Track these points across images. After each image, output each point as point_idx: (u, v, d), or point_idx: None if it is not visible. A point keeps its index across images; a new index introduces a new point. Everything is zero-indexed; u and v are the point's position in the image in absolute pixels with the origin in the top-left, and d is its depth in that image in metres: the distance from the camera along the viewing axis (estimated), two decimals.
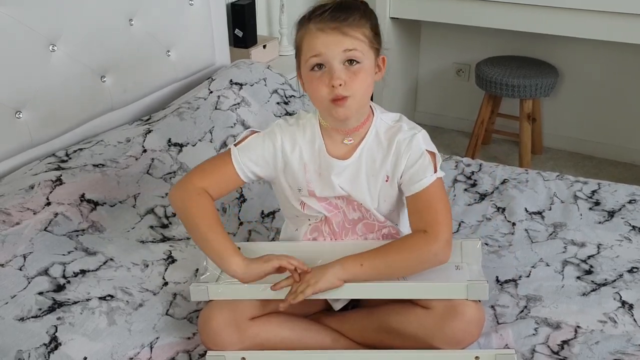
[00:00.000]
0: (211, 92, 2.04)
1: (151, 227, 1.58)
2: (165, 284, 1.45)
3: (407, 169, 1.29)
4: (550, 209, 1.75)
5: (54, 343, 1.24)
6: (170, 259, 1.51)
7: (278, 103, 2.14)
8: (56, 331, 1.26)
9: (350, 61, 1.20)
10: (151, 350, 1.28)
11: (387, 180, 1.32)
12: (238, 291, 1.30)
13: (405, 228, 1.39)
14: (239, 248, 1.32)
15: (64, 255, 1.40)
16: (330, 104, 1.22)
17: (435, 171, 1.29)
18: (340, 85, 1.19)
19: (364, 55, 1.21)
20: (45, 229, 1.42)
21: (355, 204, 1.34)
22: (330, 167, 1.31)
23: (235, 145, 1.34)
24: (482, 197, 1.82)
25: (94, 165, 1.65)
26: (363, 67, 1.21)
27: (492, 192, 1.84)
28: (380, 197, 1.33)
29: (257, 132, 1.35)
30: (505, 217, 1.73)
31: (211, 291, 1.30)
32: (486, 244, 1.63)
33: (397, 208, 1.37)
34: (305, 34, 1.22)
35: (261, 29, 2.85)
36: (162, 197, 1.66)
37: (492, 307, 1.40)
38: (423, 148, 1.29)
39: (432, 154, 1.30)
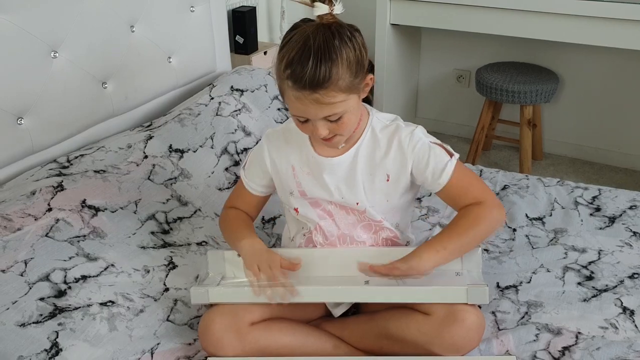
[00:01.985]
0: (212, 98, 2.04)
1: (152, 232, 1.58)
2: (166, 289, 1.45)
3: (422, 169, 1.30)
4: (550, 215, 1.75)
5: (55, 349, 1.24)
6: (171, 265, 1.51)
7: (279, 109, 2.15)
8: (57, 337, 1.26)
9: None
10: (152, 356, 1.28)
11: (387, 180, 1.32)
12: (239, 294, 1.30)
13: (404, 224, 1.41)
14: (240, 255, 1.35)
15: (65, 261, 1.40)
16: (319, 140, 1.25)
17: (450, 155, 1.30)
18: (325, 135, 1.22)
19: (345, 108, 1.19)
20: (46, 235, 1.42)
21: (348, 208, 1.34)
22: (321, 166, 1.32)
23: (243, 167, 1.44)
24: None
25: (95, 171, 1.65)
26: (345, 116, 1.21)
27: None
28: (376, 196, 1.33)
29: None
30: (506, 223, 1.73)
31: (212, 294, 1.30)
32: (487, 250, 1.63)
33: (399, 206, 1.37)
34: (284, 90, 1.20)
35: (262, 36, 2.86)
36: (163, 203, 1.67)
37: (493, 313, 1.40)
38: (427, 142, 1.30)
39: (438, 144, 1.32)
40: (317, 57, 1.13)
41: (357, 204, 1.33)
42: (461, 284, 1.27)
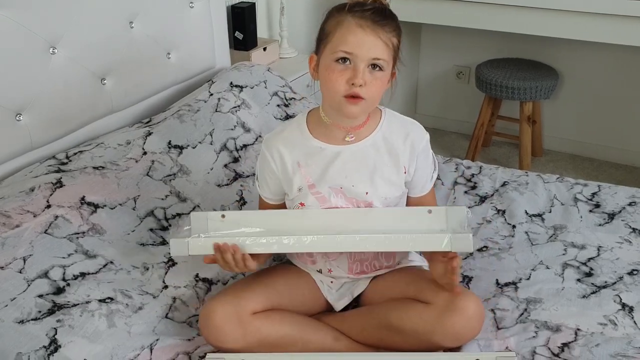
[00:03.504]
0: (211, 94, 2.04)
1: (151, 229, 1.58)
2: (165, 287, 1.45)
3: (420, 172, 1.37)
4: (550, 212, 1.75)
5: (53, 345, 1.24)
6: (171, 262, 1.51)
7: (278, 105, 2.14)
8: (56, 333, 1.26)
9: (374, 66, 1.23)
10: (151, 352, 1.28)
11: (405, 172, 1.35)
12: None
13: None
14: (224, 216, 1.34)
15: (63, 258, 1.40)
16: (343, 99, 1.24)
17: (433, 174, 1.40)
18: (360, 85, 1.22)
19: (387, 65, 1.25)
20: (45, 232, 1.42)
21: (354, 202, 1.34)
22: (333, 154, 1.33)
23: (257, 178, 1.43)
24: (482, 199, 1.82)
25: (94, 168, 1.65)
26: (384, 75, 1.26)
27: (492, 195, 1.84)
28: (387, 187, 1.34)
29: None
30: (505, 219, 1.73)
31: (192, 245, 1.27)
32: (486, 247, 1.63)
33: (402, 199, 1.40)
34: (341, 23, 1.23)
35: (261, 32, 2.85)
36: (162, 199, 1.66)
37: (492, 310, 1.40)
38: (431, 150, 1.37)
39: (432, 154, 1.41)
40: (382, 8, 1.25)
41: (367, 193, 1.33)
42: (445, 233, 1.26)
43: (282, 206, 1.43)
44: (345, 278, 1.40)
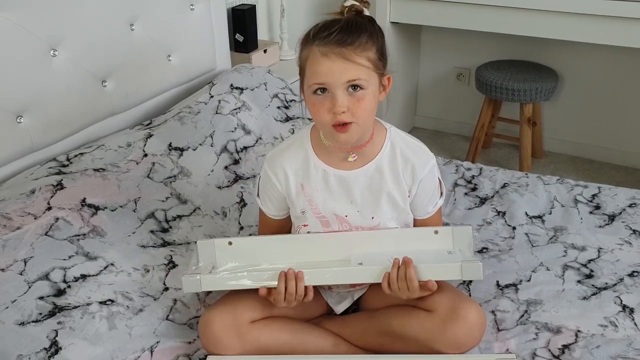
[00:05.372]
0: (212, 96, 2.04)
1: (152, 231, 1.58)
2: (166, 289, 1.45)
3: (419, 198, 1.34)
4: (550, 213, 1.75)
5: (54, 347, 1.24)
6: (171, 264, 1.51)
7: (279, 107, 2.15)
8: (56, 335, 1.26)
9: (354, 87, 1.18)
10: (151, 354, 1.28)
11: (408, 195, 1.33)
12: (232, 281, 1.29)
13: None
14: (230, 243, 1.35)
15: (64, 260, 1.40)
16: (332, 129, 1.20)
17: (441, 194, 1.37)
18: (343, 112, 1.17)
19: (368, 82, 1.18)
20: (46, 234, 1.42)
21: (359, 228, 1.34)
22: (337, 180, 1.31)
23: (258, 195, 1.41)
24: (483, 201, 1.83)
25: (94, 170, 1.65)
26: (367, 93, 1.19)
27: (493, 196, 1.84)
28: (396, 211, 1.33)
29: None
30: (505, 221, 1.73)
31: (204, 282, 1.28)
32: (486, 248, 1.63)
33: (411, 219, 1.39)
34: (309, 55, 1.19)
35: (262, 34, 2.86)
36: (163, 201, 1.67)
37: (493, 312, 1.40)
38: (437, 177, 1.34)
39: (439, 180, 1.37)
40: (348, 23, 1.18)
41: (372, 218, 1.32)
42: (455, 261, 1.26)
43: (287, 221, 1.42)
44: (347, 288, 1.41)
